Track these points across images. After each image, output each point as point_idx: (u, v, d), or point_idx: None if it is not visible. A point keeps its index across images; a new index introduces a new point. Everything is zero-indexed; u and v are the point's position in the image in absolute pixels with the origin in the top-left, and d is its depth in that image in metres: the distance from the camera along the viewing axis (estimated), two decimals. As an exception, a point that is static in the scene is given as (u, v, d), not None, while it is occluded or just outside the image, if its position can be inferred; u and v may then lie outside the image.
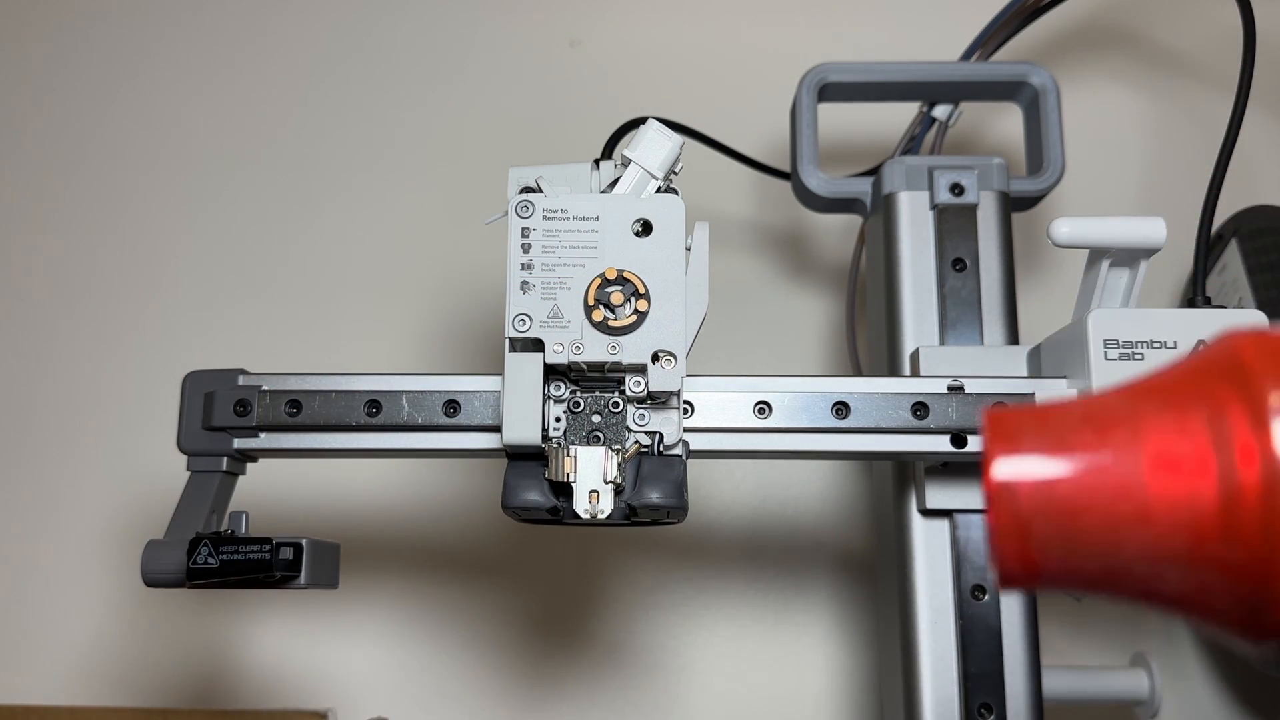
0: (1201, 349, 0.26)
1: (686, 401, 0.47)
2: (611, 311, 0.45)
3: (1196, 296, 0.49)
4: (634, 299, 0.45)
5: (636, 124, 0.48)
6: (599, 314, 0.45)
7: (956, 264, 0.55)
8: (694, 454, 0.47)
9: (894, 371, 0.55)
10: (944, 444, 0.47)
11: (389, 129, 0.78)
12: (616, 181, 0.47)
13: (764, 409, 0.47)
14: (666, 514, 0.45)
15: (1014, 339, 0.55)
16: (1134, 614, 0.67)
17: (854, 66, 0.60)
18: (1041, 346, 0.51)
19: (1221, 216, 0.61)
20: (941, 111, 0.62)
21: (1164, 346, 0.45)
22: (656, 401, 0.46)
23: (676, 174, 0.48)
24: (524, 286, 0.45)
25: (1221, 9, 0.60)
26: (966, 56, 0.63)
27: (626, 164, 0.47)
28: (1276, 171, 0.73)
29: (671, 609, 0.68)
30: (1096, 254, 0.48)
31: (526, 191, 0.47)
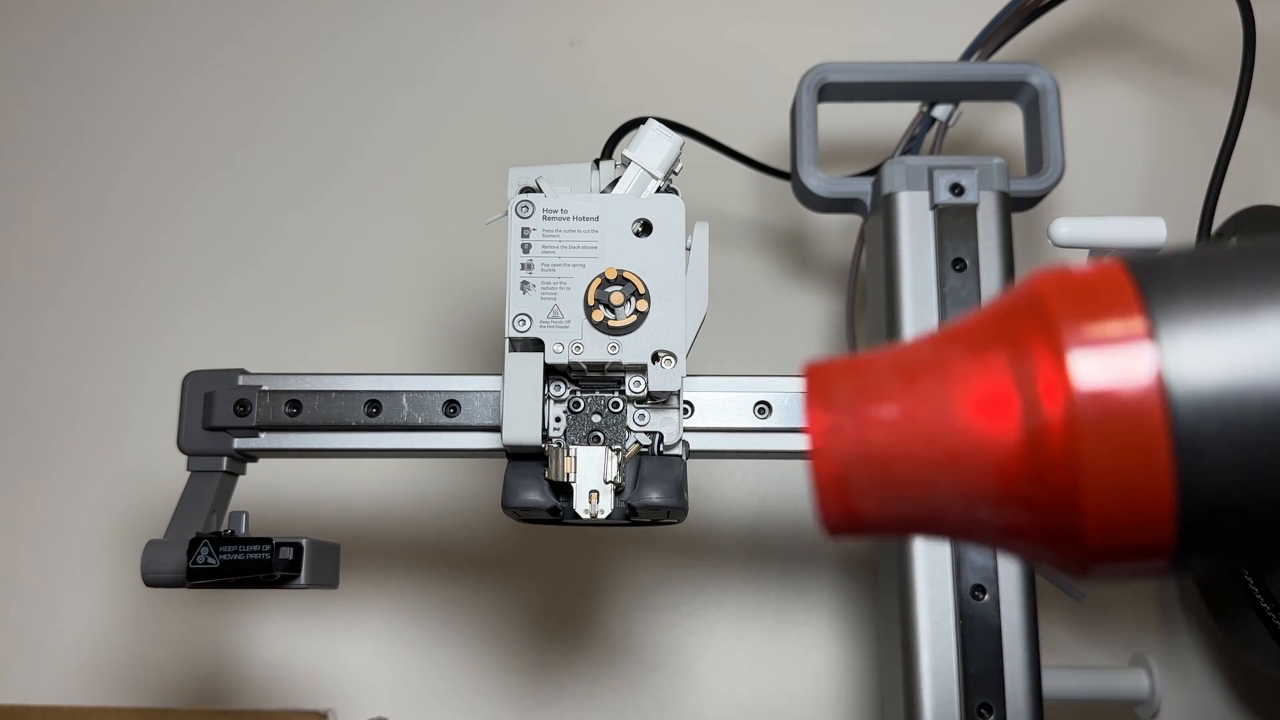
0: (1007, 291, 0.26)
1: (686, 401, 0.47)
2: (611, 311, 0.45)
3: (1196, 296, 0.49)
4: (634, 299, 0.45)
5: (636, 124, 0.48)
6: (599, 314, 0.45)
7: (956, 264, 0.55)
8: (694, 454, 0.47)
9: (894, 371, 0.55)
10: (944, 444, 0.47)
11: (389, 129, 0.78)
12: (616, 181, 0.47)
13: (764, 409, 0.47)
14: (666, 514, 0.45)
15: (1014, 339, 0.55)
16: (1135, 614, 0.67)
17: (854, 66, 0.60)
18: (1041, 346, 0.51)
19: (1222, 216, 0.61)
20: (941, 111, 0.62)
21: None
22: (656, 401, 0.46)
23: (676, 174, 0.48)
24: (524, 286, 0.45)
25: (1221, 8, 0.60)
26: (966, 56, 0.63)
27: (626, 164, 0.47)
28: (1277, 171, 0.73)
29: (672, 609, 0.68)
30: (1096, 254, 0.48)
31: (526, 191, 0.47)
